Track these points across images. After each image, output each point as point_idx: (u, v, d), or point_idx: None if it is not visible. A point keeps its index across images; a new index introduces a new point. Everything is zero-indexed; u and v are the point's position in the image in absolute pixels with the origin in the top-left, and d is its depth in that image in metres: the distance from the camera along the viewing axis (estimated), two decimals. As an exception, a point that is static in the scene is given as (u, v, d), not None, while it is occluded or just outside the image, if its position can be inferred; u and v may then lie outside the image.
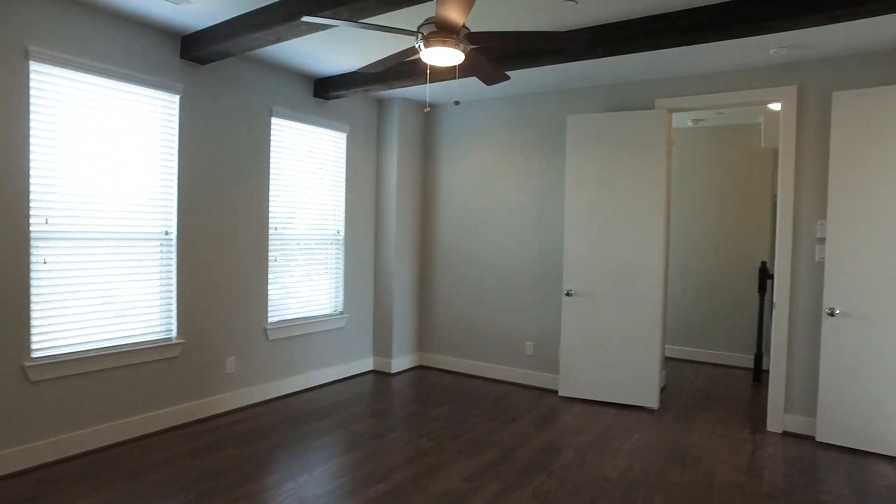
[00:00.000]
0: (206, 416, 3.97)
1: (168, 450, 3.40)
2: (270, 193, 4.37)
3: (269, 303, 4.40)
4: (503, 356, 5.17)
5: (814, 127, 3.87)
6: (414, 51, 2.68)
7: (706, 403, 4.65)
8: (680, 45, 3.23)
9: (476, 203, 5.30)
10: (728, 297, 5.97)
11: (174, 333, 3.76)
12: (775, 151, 5.82)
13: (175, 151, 3.73)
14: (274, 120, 4.37)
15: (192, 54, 3.65)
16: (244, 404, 4.23)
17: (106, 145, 3.38)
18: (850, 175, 3.65)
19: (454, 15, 2.37)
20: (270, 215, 4.38)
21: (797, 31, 3.35)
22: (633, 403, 4.46)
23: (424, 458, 3.38)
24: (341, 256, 5.05)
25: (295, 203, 4.61)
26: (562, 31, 2.38)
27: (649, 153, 4.35)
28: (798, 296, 3.94)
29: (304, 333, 4.68)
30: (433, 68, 3.84)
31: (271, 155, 4.36)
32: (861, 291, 3.63)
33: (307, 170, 4.69)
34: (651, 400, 4.41)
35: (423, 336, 5.64)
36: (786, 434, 3.95)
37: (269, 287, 4.40)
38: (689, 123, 5.99)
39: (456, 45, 2.51)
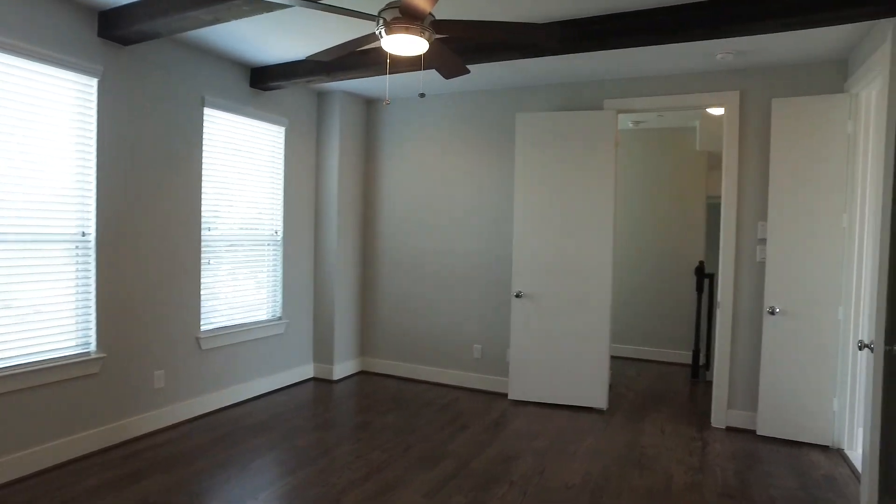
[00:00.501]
0: (132, 438, 3.57)
1: (87, 480, 3.00)
2: (203, 190, 4.00)
3: (203, 309, 4.03)
4: (450, 360, 5.04)
5: (755, 131, 4.00)
6: (373, 37, 2.48)
7: (651, 402, 4.73)
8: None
9: (421, 203, 5.13)
10: (665, 295, 6.14)
11: (93, 347, 3.34)
12: (709, 154, 6.04)
13: (93, 142, 3.31)
14: (207, 111, 4.00)
15: (112, 33, 3.24)
16: (175, 421, 3.85)
17: (6, 132, 2.93)
18: (789, 178, 3.79)
19: (421, 0, 2.20)
20: (203, 214, 4.01)
21: (745, 38, 3.42)
22: (582, 405, 4.46)
23: (379, 473, 3.18)
24: (279, 258, 4.73)
25: (230, 201, 4.25)
26: (536, 23, 2.25)
27: (598, 153, 4.35)
28: (740, 295, 4.06)
29: (240, 341, 4.33)
30: (393, 58, 3.64)
31: (204, 149, 3.99)
32: (799, 290, 3.78)
33: (243, 166, 4.34)
34: (600, 401, 4.42)
35: (366, 340, 5.41)
36: (729, 429, 4.06)
37: (203, 292, 4.03)
38: (630, 125, 6.11)
39: (420, 33, 2.33)
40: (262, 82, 4.30)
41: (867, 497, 2.63)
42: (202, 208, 3.99)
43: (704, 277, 5.41)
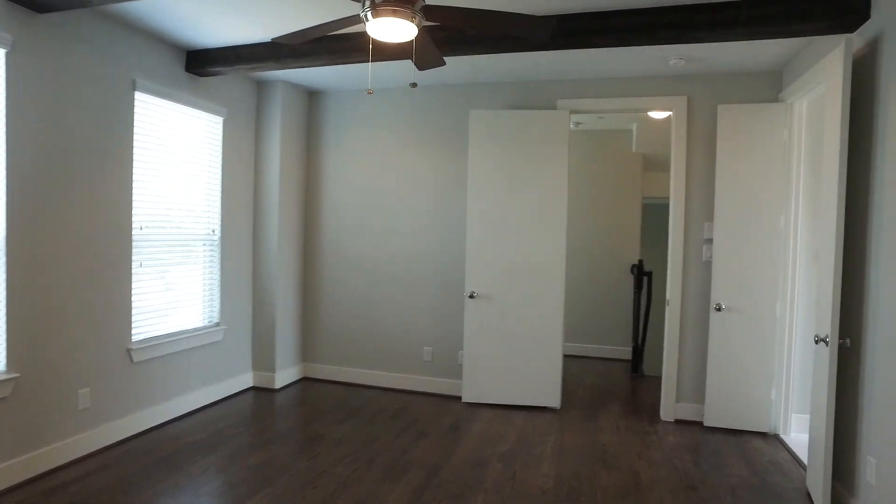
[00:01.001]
0: (56, 468, 3.11)
1: (2, 521, 2.57)
2: (135, 185, 3.57)
3: (134, 317, 3.60)
4: (399, 363, 4.88)
5: (701, 136, 4.17)
6: (355, 20, 2.29)
7: (600, 398, 4.83)
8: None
9: (368, 201, 4.92)
10: (602, 293, 6.32)
11: (2, 367, 2.87)
12: (644, 156, 6.29)
13: (1, 125, 2.83)
14: (139, 95, 3.58)
15: (27, -2, 2.80)
16: (104, 445, 3.41)
17: None
18: (733, 182, 3.98)
19: None
20: (135, 211, 3.58)
21: (699, 45, 3.54)
22: (536, 405, 4.46)
23: (346, 490, 2.97)
24: (217, 259, 4.35)
25: (164, 197, 3.84)
26: (531, 15, 2.16)
27: (551, 153, 4.36)
28: (688, 293, 4.23)
29: (176, 351, 3.93)
30: (346, 45, 3.41)
31: (135, 138, 3.57)
32: (742, 288, 3.98)
33: (178, 158, 3.93)
34: (554, 400, 4.44)
35: (307, 346, 5.12)
36: (678, 422, 4.22)
37: (134, 298, 3.60)
38: (571, 126, 6.22)
39: (411, 18, 2.17)
40: (199, 67, 3.92)
41: (821, 478, 2.79)
42: (133, 204, 3.56)
43: (643, 275, 5.61)
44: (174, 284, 3.96)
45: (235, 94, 4.46)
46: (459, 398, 4.66)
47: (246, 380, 4.68)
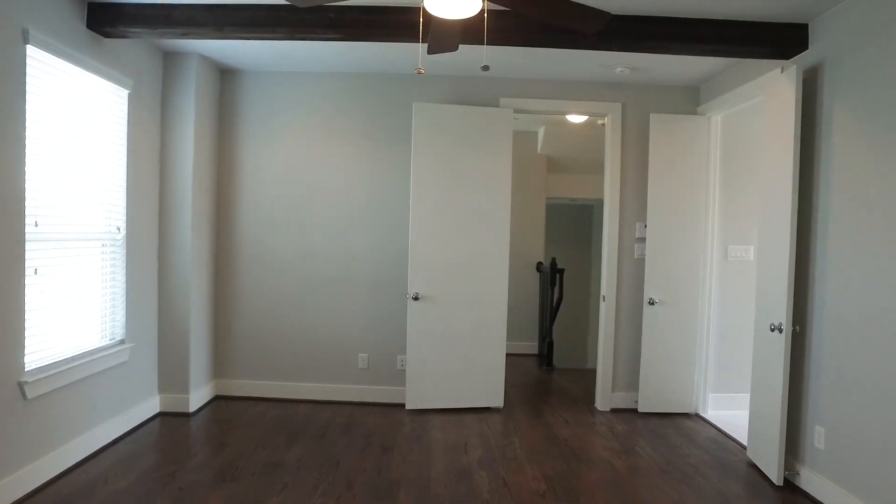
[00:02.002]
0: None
1: None
2: (28, 166, 2.77)
3: (27, 341, 2.79)
4: (331, 373, 4.49)
5: (634, 141, 4.46)
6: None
7: (532, 394, 4.94)
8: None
9: (295, 196, 4.44)
10: (511, 290, 6.48)
11: None
12: (548, 158, 6.58)
13: None
14: (32, 51, 2.77)
15: None
16: (-7, 510, 2.59)
17: None
18: (664, 185, 4.33)
19: None
20: (28, 201, 2.78)
21: (647, 55, 3.76)
22: (482, 406, 4.41)
23: (343, 522, 2.63)
24: (121, 262, 3.58)
25: (63, 185, 3.04)
26: (591, 7, 2.07)
27: (495, 151, 4.34)
28: (622, 289, 4.51)
29: (78, 379, 3.14)
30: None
31: (28, 107, 2.76)
32: (671, 283, 4.35)
33: (76, 137, 3.14)
34: (498, 400, 4.43)
35: (220, 360, 4.47)
36: (614, 410, 4.48)
37: (28, 315, 2.79)
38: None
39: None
40: (105, 25, 3.17)
41: (775, 449, 3.15)
42: (26, 193, 2.76)
43: (556, 272, 5.87)
44: (75, 294, 3.17)
45: (142, 65, 3.71)
46: (402, 405, 4.42)
47: (152, 405, 3.92)
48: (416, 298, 4.26)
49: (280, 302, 4.44)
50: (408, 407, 4.31)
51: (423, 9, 2.04)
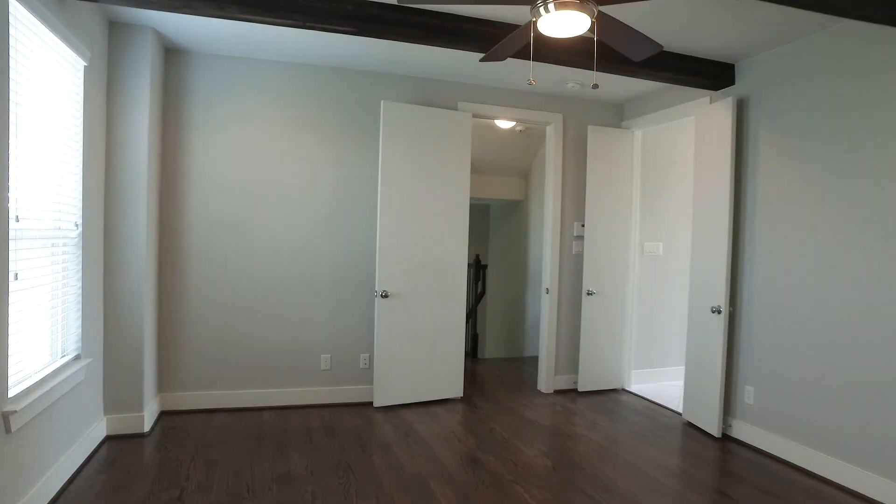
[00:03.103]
0: None
1: None
2: (11, 147, 2.29)
3: (11, 362, 2.31)
4: (292, 377, 4.29)
5: (573, 149, 4.97)
6: (526, 24, 2.13)
7: (478, 382, 5.22)
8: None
9: (253, 191, 4.15)
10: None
11: None
12: (472, 160, 6.87)
13: None
14: (14, 4, 2.30)
15: None
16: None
17: None
18: (599, 189, 4.91)
19: None
20: (10, 190, 2.30)
21: (600, 74, 4.28)
22: (444, 397, 4.58)
23: (401, 518, 2.65)
24: (77, 264, 3.06)
25: (35, 171, 2.55)
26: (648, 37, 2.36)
27: (456, 153, 4.54)
28: (563, 282, 5.00)
29: (52, 402, 2.65)
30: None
31: (12, 74, 2.28)
32: (605, 276, 4.95)
33: (35, 116, 2.64)
34: (458, 390, 4.64)
35: (168, 372, 4.01)
36: (556, 392, 4.96)
37: (11, 330, 2.31)
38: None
39: (581, 7, 2.13)
40: (79, -13, 2.72)
41: (716, 406, 3.85)
42: (9, 179, 2.28)
43: (481, 269, 6.22)
44: (47, 300, 2.67)
45: (95, 35, 3.20)
46: (369, 404, 4.40)
47: (98, 430, 3.39)
48: (384, 296, 4.28)
49: (236, 306, 4.12)
50: (376, 404, 4.31)
51: (535, 25, 2.19)
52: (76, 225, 3.02)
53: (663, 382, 5.26)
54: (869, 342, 3.02)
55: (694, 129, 5.60)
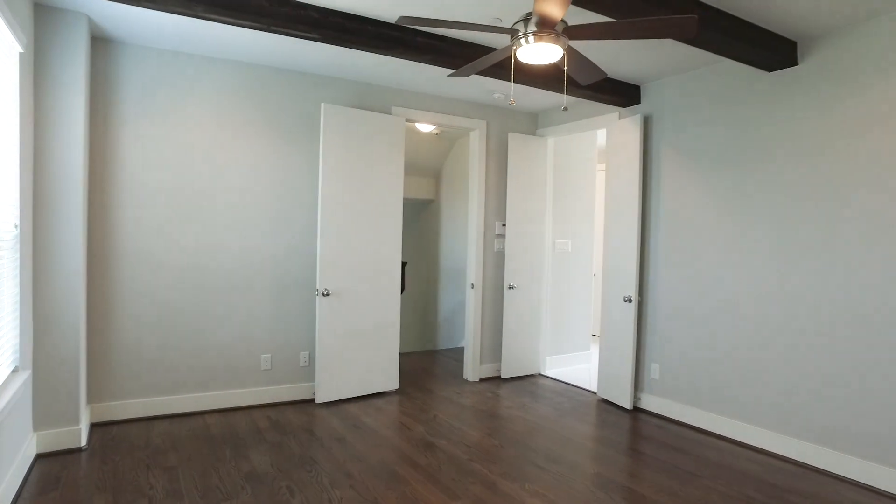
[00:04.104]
0: None
1: None
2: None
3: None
4: (233, 378, 4.22)
5: (494, 154, 5.37)
6: (505, 51, 2.41)
7: (410, 375, 5.44)
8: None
9: (189, 191, 4.02)
10: (348, 284, 6.77)
11: None
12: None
13: None
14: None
15: None
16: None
17: None
18: (519, 191, 5.35)
19: (553, 9, 2.40)
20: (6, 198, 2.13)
21: (524, 87, 4.70)
22: (382, 390, 4.76)
23: None
24: (15, 268, 2.83)
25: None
26: (675, 16, 2.46)
27: (392, 156, 4.73)
28: (487, 277, 5.38)
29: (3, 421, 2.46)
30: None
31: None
32: (524, 270, 5.42)
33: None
34: (394, 383, 4.84)
35: (98, 381, 3.76)
36: (482, 380, 5.33)
37: (-17, 339, 2.14)
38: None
39: (556, 41, 2.47)
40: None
41: (628, 382, 4.45)
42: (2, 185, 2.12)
43: (401, 265, 6.42)
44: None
45: (26, 20, 2.95)
46: (311, 400, 4.45)
47: (29, 448, 3.14)
48: (325, 294, 4.36)
49: (173, 309, 3.97)
50: (318, 400, 4.38)
51: (515, 54, 2.48)
52: (15, 226, 2.79)
53: (573, 366, 5.86)
54: (746, 326, 3.72)
55: (596, 139, 6.26)
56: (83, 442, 3.37)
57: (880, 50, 3.11)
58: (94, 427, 3.71)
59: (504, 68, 3.75)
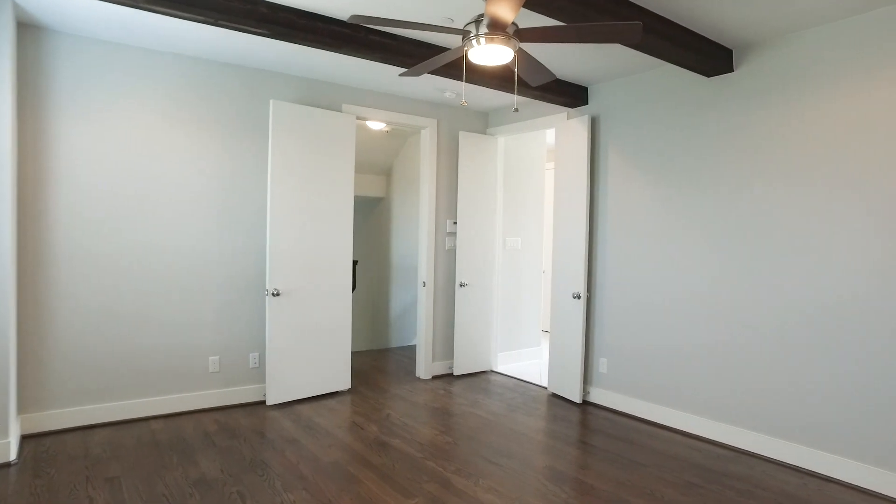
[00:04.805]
0: None
1: None
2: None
3: None
4: (180, 382, 4.07)
5: (445, 152, 5.39)
6: (457, 52, 2.42)
7: (362, 373, 5.41)
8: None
9: (131, 188, 3.84)
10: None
11: None
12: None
13: None
14: None
15: None
16: None
17: None
18: (469, 189, 5.40)
19: (504, 11, 2.45)
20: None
21: (477, 87, 4.74)
22: (334, 390, 4.71)
23: None
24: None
25: None
26: (620, 22, 2.57)
27: (341, 154, 4.68)
28: (438, 275, 5.40)
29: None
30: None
31: None
32: (474, 269, 5.47)
33: None
34: (346, 382, 4.80)
35: (32, 389, 3.55)
36: (435, 377, 5.36)
37: None
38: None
39: (507, 43, 2.51)
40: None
41: (577, 377, 4.58)
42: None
43: (353, 264, 6.37)
44: None
45: (-53, 5, 2.75)
46: (262, 403, 4.36)
47: (-46, 460, 2.94)
48: (275, 294, 4.27)
49: (114, 312, 3.79)
50: (269, 402, 4.30)
51: (466, 55, 2.50)
52: (-64, 226, 2.61)
53: (524, 362, 5.97)
54: (688, 320, 3.91)
55: (545, 138, 6.40)
56: (12, 456, 3.18)
57: (805, 62, 3.32)
58: (26, 439, 3.51)
59: (456, 68, 3.77)
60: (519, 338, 5.94)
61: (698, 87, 3.89)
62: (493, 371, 5.66)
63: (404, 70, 4.04)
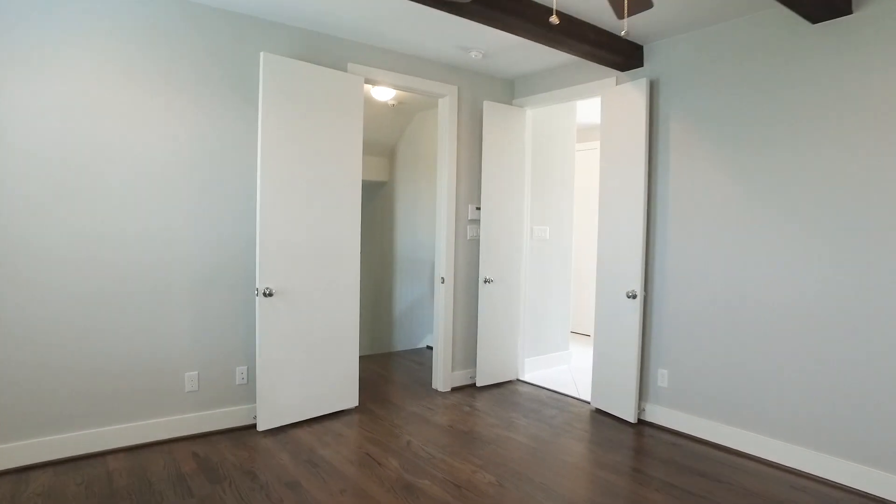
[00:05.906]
0: None
1: None
2: None
3: None
4: (148, 405, 3.25)
5: (467, 125, 4.58)
6: None
7: (369, 385, 4.61)
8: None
9: (79, 159, 2.99)
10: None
11: None
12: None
13: None
14: None
15: None
16: None
17: None
18: (494, 169, 4.60)
19: None
20: None
21: (502, 45, 3.94)
22: (340, 409, 3.91)
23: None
24: None
25: None
26: None
27: (347, 121, 3.86)
28: (459, 269, 4.60)
29: None
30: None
31: None
32: (500, 263, 4.68)
33: None
34: (354, 399, 4.00)
35: (-63, 420, 2.71)
36: (454, 389, 4.57)
37: None
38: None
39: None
40: None
41: (632, 392, 3.83)
42: None
43: (355, 257, 5.55)
44: None
45: None
46: (252, 427, 3.55)
47: None
48: (267, 294, 3.45)
49: (59, 318, 2.95)
50: (261, 427, 3.49)
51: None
52: None
53: (552, 368, 5.22)
54: (773, 327, 3.16)
55: (574, 114, 5.61)
56: (-85, 515, 2.35)
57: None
58: (-59, 486, 2.67)
59: (498, 8, 2.96)
60: (547, 341, 5.18)
61: (798, 37, 3.12)
62: (519, 380, 4.90)
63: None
